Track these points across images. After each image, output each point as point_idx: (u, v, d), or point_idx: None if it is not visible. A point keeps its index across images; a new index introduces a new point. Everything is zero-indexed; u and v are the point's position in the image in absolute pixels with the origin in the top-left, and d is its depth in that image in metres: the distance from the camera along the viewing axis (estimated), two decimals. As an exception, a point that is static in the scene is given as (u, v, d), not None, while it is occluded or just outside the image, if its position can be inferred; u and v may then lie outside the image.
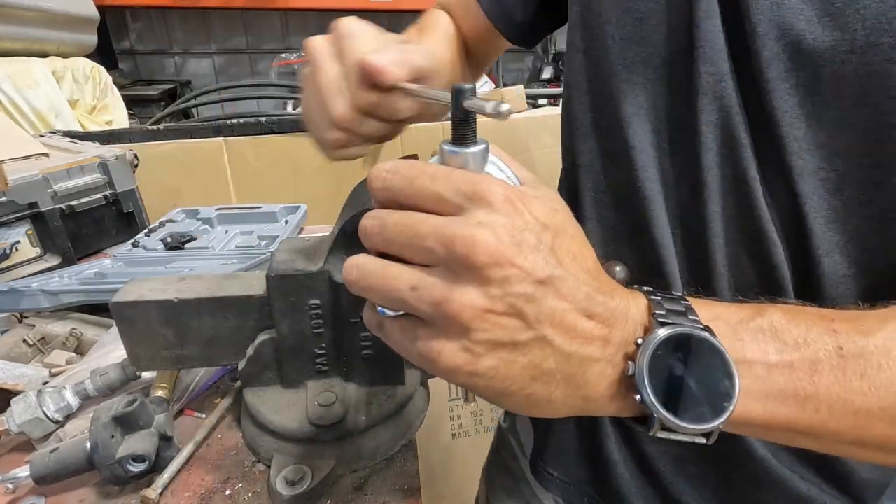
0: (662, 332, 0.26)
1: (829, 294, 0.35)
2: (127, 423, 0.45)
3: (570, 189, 0.47)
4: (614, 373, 0.27)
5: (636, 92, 0.39)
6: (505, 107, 0.23)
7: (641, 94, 0.39)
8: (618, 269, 0.37)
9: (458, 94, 0.24)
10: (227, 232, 0.86)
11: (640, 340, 0.27)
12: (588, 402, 0.27)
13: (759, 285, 0.37)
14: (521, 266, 0.23)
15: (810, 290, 0.36)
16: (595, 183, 0.44)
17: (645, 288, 0.30)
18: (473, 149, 0.25)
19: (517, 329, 0.24)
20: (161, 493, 0.45)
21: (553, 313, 0.24)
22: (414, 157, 0.43)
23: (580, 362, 0.26)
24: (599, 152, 0.43)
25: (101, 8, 1.60)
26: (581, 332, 0.25)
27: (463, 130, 0.25)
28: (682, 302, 0.28)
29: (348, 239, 0.45)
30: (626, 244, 0.43)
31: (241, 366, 0.50)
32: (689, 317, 0.27)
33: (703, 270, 0.39)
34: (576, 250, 0.26)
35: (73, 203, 0.82)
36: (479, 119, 0.25)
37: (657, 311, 0.27)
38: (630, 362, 0.26)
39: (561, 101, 0.49)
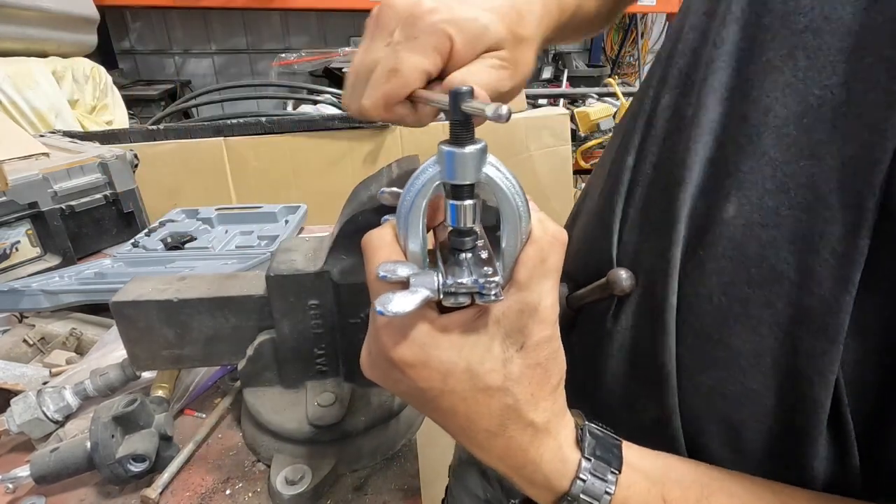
0: None
1: None
2: (127, 422, 0.45)
3: None
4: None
5: None
6: (504, 109, 0.23)
7: None
8: (623, 275, 0.36)
9: (455, 97, 0.24)
10: (226, 232, 0.86)
11: None
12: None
13: None
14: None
15: None
16: None
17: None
18: (471, 149, 0.25)
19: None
20: (161, 493, 0.45)
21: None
22: (415, 157, 0.43)
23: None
24: None
25: (101, 8, 1.60)
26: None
27: (461, 131, 0.24)
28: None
29: (348, 239, 0.45)
30: None
31: (240, 366, 0.50)
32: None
33: None
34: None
35: (73, 203, 0.82)
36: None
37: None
38: None
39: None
